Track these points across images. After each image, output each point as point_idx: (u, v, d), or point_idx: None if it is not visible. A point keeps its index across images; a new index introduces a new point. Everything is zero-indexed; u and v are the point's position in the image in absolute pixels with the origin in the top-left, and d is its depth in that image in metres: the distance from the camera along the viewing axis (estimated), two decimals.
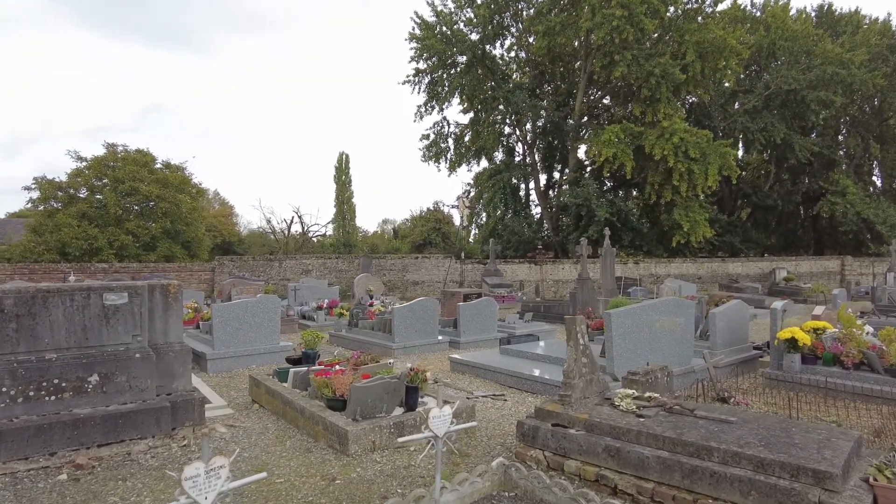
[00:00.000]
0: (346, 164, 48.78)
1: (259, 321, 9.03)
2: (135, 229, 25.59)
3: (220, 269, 22.85)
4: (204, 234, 30.76)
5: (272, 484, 4.12)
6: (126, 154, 27.95)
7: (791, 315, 8.34)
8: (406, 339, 10.39)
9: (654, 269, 26.25)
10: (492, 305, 11.76)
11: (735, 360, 8.03)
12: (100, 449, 4.64)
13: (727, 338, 8.12)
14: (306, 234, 34.67)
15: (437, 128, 33.07)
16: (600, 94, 32.23)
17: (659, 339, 6.98)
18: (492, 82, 31.04)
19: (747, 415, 4.04)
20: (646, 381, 5.21)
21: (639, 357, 6.63)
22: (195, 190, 30.09)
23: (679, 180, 25.11)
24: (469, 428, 4.12)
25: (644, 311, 6.81)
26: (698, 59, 25.70)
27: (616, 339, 6.40)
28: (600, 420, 4.07)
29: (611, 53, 25.50)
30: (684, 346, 7.37)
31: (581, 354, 4.56)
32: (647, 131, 25.78)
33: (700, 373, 7.24)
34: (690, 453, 3.56)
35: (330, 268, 23.17)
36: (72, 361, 4.67)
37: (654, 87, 25.32)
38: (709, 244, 29.49)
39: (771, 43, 29.59)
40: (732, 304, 8.36)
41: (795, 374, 7.28)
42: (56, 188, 26.13)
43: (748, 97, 29.19)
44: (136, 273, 21.50)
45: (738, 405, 6.76)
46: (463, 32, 29.81)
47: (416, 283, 23.24)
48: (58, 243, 24.37)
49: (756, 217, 34.69)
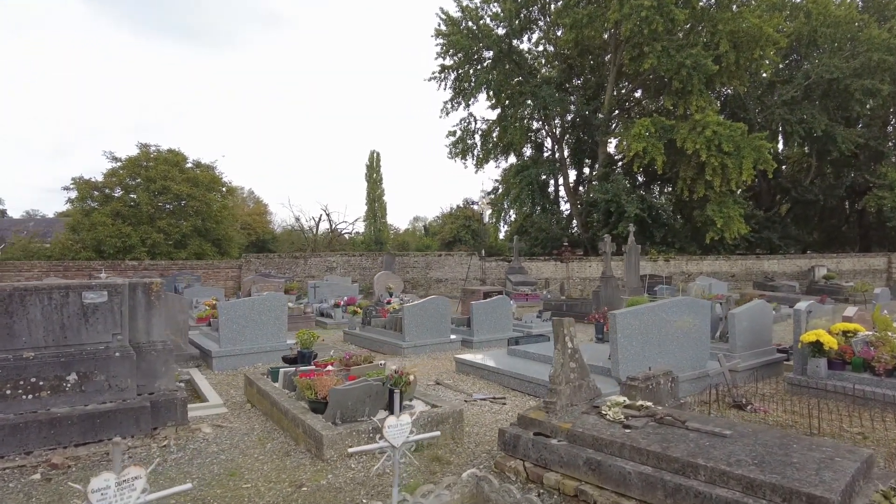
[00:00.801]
0: (378, 162, 48.91)
1: (265, 319, 8.96)
2: (166, 227, 26.14)
3: (247, 267, 23.12)
4: (234, 232, 31.25)
5: (238, 489, 3.97)
6: (158, 154, 28.59)
7: (820, 316, 7.80)
8: (417, 338, 10.19)
9: (685, 266, 25.41)
10: (506, 304, 11.46)
11: (756, 363, 7.56)
12: (77, 449, 4.58)
13: (748, 340, 7.64)
14: (334, 231, 34.78)
15: (464, 124, 32.78)
16: (630, 87, 31.36)
17: (670, 341, 6.60)
18: (519, 77, 30.55)
19: (745, 428, 3.68)
20: (646, 388, 4.87)
21: (647, 360, 6.27)
22: (225, 188, 30.58)
23: (712, 175, 24.20)
24: (431, 438, 3.86)
25: (653, 311, 6.44)
26: (732, 50, 24.68)
27: (621, 340, 6.06)
28: (583, 430, 3.78)
29: (640, 45, 24.75)
30: (699, 348, 6.95)
31: (569, 358, 4.27)
32: (679, 124, 24.94)
33: (715, 377, 6.82)
34: (675, 470, 3.24)
35: (354, 265, 23.19)
36: (50, 360, 4.62)
37: (685, 78, 24.46)
38: (744, 241, 28.39)
39: (812, 30, 28.18)
40: (754, 304, 7.87)
41: (821, 381, 6.79)
42: (92, 188, 26.87)
43: (787, 88, 27.89)
44: (165, 270, 21.93)
45: (755, 412, 6.34)
46: (489, 27, 29.41)
47: (440, 280, 23.06)
48: (93, 241, 25.08)
49: (796, 212, 33.25)
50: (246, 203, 54.43)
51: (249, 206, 52.80)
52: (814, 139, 28.59)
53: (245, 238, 39.01)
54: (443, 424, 4.92)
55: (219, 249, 28.56)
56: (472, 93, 30.57)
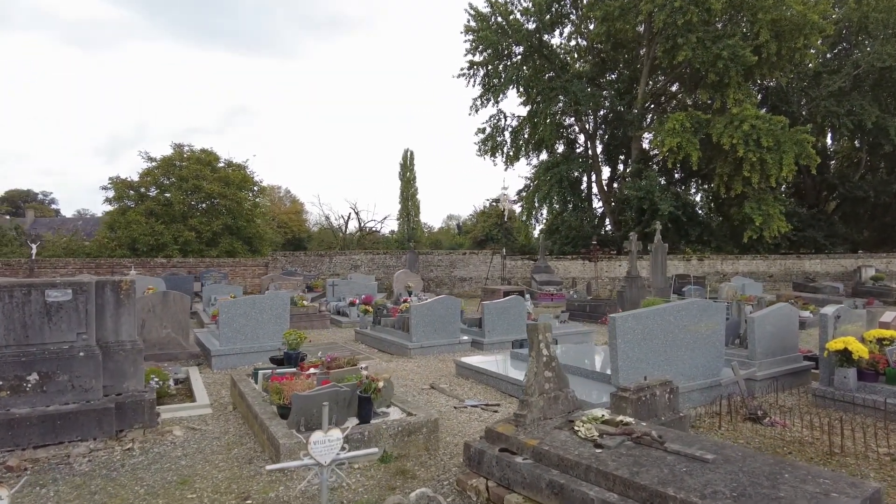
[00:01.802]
0: (411, 160, 48.85)
1: (266, 318, 8.81)
2: (198, 226, 26.58)
3: (274, 265, 23.29)
4: (266, 230, 31.62)
5: (182, 500, 3.74)
6: (191, 153, 29.14)
7: (852, 321, 7.14)
8: (424, 339, 9.90)
9: (720, 265, 24.32)
10: (520, 305, 11.03)
11: (778, 371, 6.96)
12: (36, 451, 4.44)
13: (770, 346, 7.04)
14: (363, 229, 34.83)
15: (494, 121, 32.26)
16: (665, 80, 30.24)
17: (679, 346, 6.09)
18: (550, 73, 29.89)
19: (734, 451, 3.22)
20: (638, 400, 4.43)
21: (651, 367, 5.79)
22: (257, 187, 30.95)
23: (750, 171, 23.07)
24: (365, 456, 3.50)
25: (659, 314, 5.95)
26: (774, 39, 23.45)
27: (621, 346, 5.60)
28: (549, 448, 3.39)
29: (673, 37, 23.78)
30: (712, 355, 6.41)
31: (544, 367, 3.88)
32: (715, 119, 23.88)
33: (729, 387, 6.28)
34: (642, 499, 2.83)
35: (378, 263, 23.07)
36: (10, 359, 4.49)
37: (721, 71, 23.39)
38: (786, 240, 27.03)
39: (862, 16, 26.50)
40: (778, 307, 7.25)
41: (849, 393, 6.16)
42: (128, 187, 27.57)
43: (834, 78, 26.35)
44: (193, 268, 22.27)
45: (773, 426, 5.79)
46: (519, 22, 28.85)
47: (464, 279, 22.71)
48: (128, 239, 25.71)
49: (845, 210, 31.49)
50: (283, 202, 55.30)
51: (286, 206, 53.63)
52: (864, 132, 26.96)
53: (281, 237, 39.54)
54: (415, 434, 4.60)
55: (250, 247, 28.89)
56: (500, 89, 30.04)
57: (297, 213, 51.47)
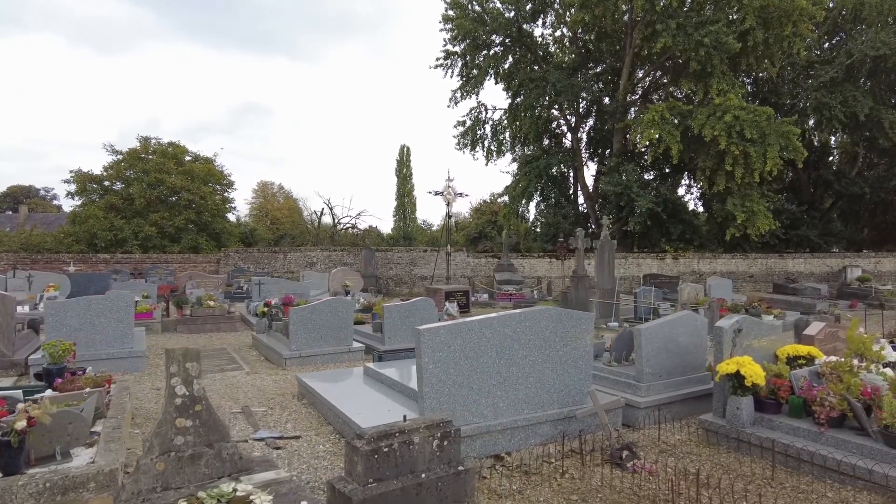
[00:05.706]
0: (407, 156, 47.66)
1: (104, 322, 7.65)
2: (159, 221, 25.56)
3: (226, 261, 22.22)
4: (234, 226, 30.53)
5: None
6: (158, 146, 28.15)
7: (760, 336, 5.84)
8: (306, 347, 8.73)
9: (696, 265, 22.84)
10: (429, 307, 9.79)
11: (671, 396, 5.67)
12: None
13: (664, 364, 5.75)
14: (336, 224, 33.73)
15: (474, 114, 30.87)
16: (649, 70, 28.72)
17: (523, 366, 4.82)
18: (533, 64, 28.49)
19: None
20: (375, 453, 3.17)
21: (475, 395, 4.54)
22: (225, 182, 29.85)
23: (733, 165, 21.57)
24: None
25: (488, 326, 4.66)
26: (760, 26, 21.93)
27: (429, 367, 4.33)
28: None
29: (653, 23, 22.34)
30: (572, 377, 5.13)
31: (177, 412, 2.64)
32: (697, 110, 22.42)
33: (584, 419, 4.98)
34: None
35: (335, 261, 21.90)
36: None
37: (704, 59, 21.92)
38: (776, 238, 25.47)
39: (857, 3, 24.91)
40: (675, 318, 5.95)
41: (742, 428, 4.86)
42: (90, 180, 26.63)
43: (825, 68, 24.71)
44: (138, 264, 21.25)
45: (636, 472, 4.51)
46: (498, 10, 27.49)
47: (426, 277, 21.48)
48: (86, 234, 24.74)
49: (842, 208, 29.83)
50: (276, 198, 54.29)
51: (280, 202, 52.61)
52: (859, 126, 25.32)
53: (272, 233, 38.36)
54: (75, 492, 3.37)
55: (218, 243, 27.80)
56: (479, 80, 28.68)
57: (290, 210, 50.41)
